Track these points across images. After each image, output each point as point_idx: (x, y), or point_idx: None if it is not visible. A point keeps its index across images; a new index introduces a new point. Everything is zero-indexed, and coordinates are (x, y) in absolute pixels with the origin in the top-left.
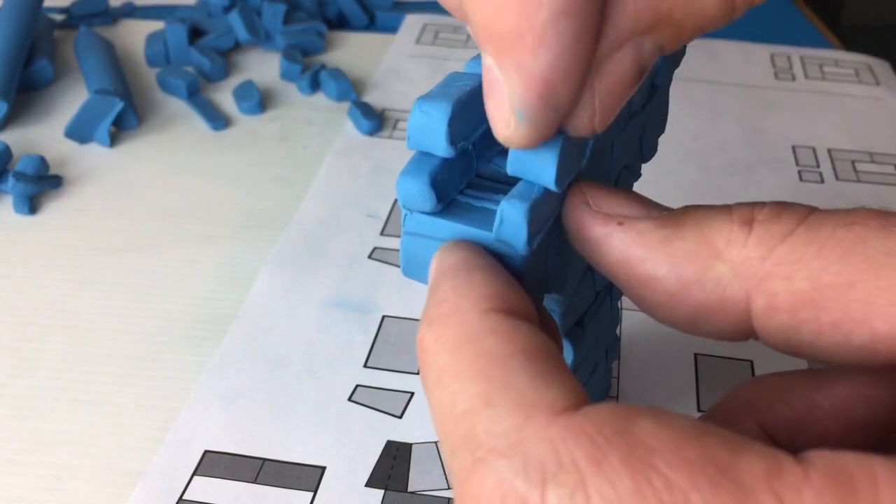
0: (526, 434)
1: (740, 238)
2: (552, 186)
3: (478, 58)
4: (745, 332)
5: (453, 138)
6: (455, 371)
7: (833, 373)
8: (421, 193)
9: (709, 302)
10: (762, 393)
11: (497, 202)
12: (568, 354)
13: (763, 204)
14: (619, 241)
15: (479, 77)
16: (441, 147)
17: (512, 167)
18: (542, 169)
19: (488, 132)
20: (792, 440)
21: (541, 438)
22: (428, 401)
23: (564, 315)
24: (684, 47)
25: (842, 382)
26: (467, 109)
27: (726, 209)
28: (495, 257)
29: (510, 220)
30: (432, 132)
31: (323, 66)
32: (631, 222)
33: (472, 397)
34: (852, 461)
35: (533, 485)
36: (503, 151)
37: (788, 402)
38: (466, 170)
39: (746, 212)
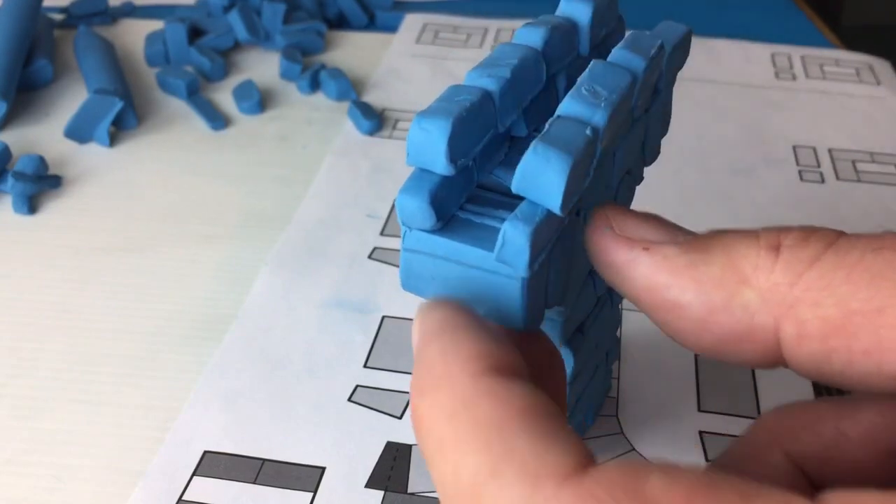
0: None
1: (767, 264)
2: (557, 210)
3: (478, 69)
4: (774, 359)
5: (453, 156)
6: (454, 441)
7: (858, 400)
8: (420, 211)
9: (737, 329)
10: (788, 423)
11: (498, 218)
12: (568, 361)
13: (790, 228)
14: (645, 267)
15: (480, 91)
16: (441, 165)
17: (517, 186)
18: (548, 191)
19: (489, 145)
20: (820, 470)
21: None
22: (430, 470)
23: (565, 324)
24: (687, 51)
25: (868, 409)
26: (468, 126)
27: (753, 234)
28: (494, 278)
29: (512, 243)
30: (432, 150)
31: (323, 66)
32: (656, 247)
33: (476, 468)
34: (871, 501)
35: None
36: (505, 163)
37: (815, 432)
38: (467, 184)
39: (773, 237)
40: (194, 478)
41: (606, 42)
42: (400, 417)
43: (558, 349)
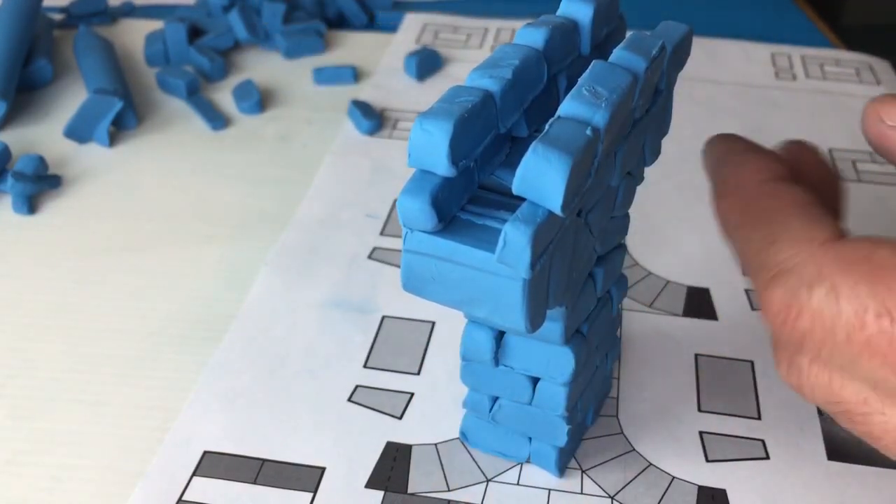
0: (798, 261)
1: None
2: (558, 211)
3: (480, 69)
4: None
5: (455, 157)
6: (744, 225)
7: None
8: (421, 213)
9: None
10: None
11: (499, 219)
12: (569, 361)
13: None
14: None
15: (481, 92)
16: (443, 166)
17: (518, 187)
18: (549, 192)
19: (491, 146)
20: None
21: (809, 262)
22: (731, 246)
23: (566, 324)
24: (689, 51)
25: None
26: (469, 127)
27: None
28: (495, 279)
29: (513, 244)
30: (434, 151)
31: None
32: None
33: (760, 240)
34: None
35: (804, 289)
36: (506, 163)
37: None
38: (468, 186)
39: None
40: (194, 478)
41: (607, 42)
42: (400, 418)
43: (563, 346)
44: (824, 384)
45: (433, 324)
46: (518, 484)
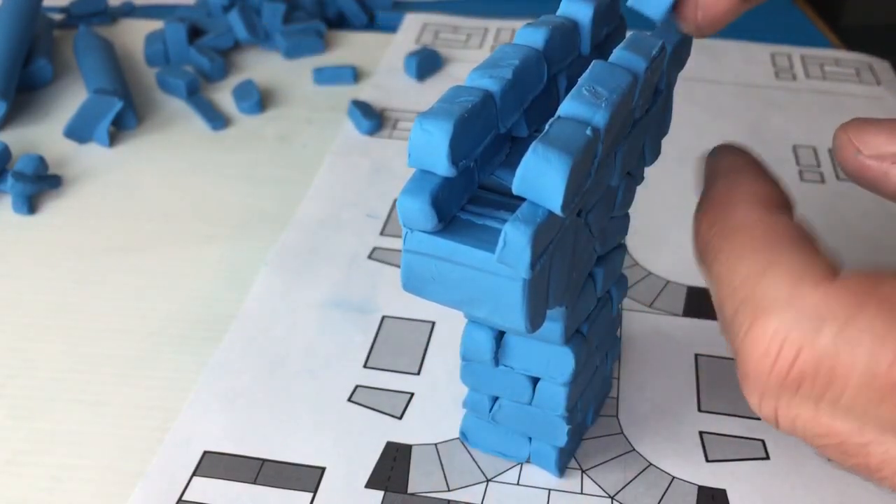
0: (796, 296)
1: None
2: (558, 211)
3: (480, 69)
4: None
5: (455, 157)
6: (729, 252)
7: None
8: (421, 213)
9: None
10: None
11: (499, 219)
12: (569, 361)
13: None
14: None
15: (481, 92)
16: (442, 166)
17: (518, 187)
18: (548, 192)
19: (491, 146)
20: None
21: (809, 301)
22: (706, 274)
23: (566, 324)
24: (689, 51)
25: None
26: (469, 127)
27: None
28: (495, 279)
29: (513, 244)
30: (434, 151)
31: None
32: None
33: (749, 270)
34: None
35: (806, 331)
36: (506, 163)
37: None
38: (468, 186)
39: None
40: (194, 478)
41: (608, 42)
42: (400, 418)
43: (563, 346)
44: (809, 417)
45: (433, 324)
46: (518, 484)
